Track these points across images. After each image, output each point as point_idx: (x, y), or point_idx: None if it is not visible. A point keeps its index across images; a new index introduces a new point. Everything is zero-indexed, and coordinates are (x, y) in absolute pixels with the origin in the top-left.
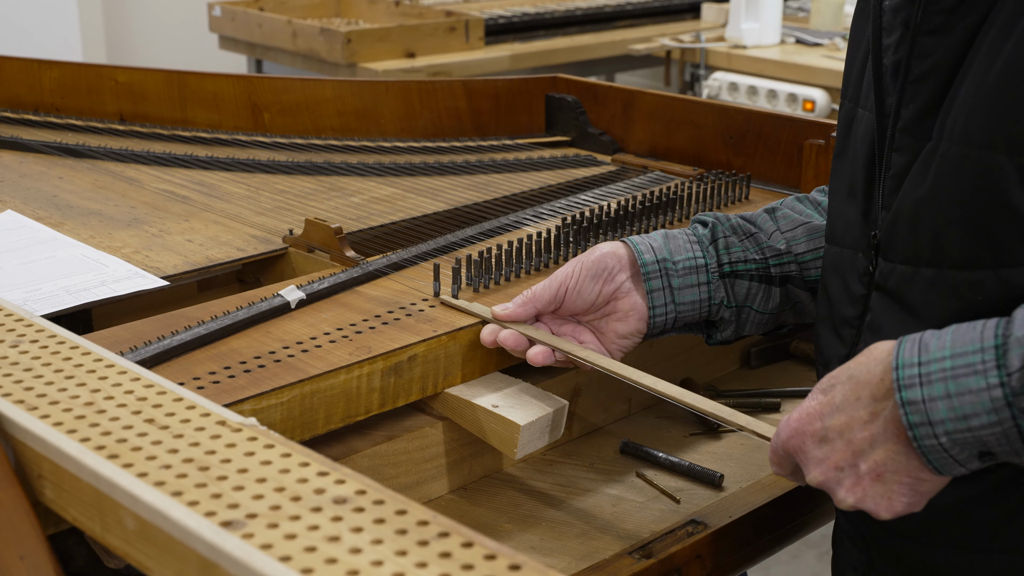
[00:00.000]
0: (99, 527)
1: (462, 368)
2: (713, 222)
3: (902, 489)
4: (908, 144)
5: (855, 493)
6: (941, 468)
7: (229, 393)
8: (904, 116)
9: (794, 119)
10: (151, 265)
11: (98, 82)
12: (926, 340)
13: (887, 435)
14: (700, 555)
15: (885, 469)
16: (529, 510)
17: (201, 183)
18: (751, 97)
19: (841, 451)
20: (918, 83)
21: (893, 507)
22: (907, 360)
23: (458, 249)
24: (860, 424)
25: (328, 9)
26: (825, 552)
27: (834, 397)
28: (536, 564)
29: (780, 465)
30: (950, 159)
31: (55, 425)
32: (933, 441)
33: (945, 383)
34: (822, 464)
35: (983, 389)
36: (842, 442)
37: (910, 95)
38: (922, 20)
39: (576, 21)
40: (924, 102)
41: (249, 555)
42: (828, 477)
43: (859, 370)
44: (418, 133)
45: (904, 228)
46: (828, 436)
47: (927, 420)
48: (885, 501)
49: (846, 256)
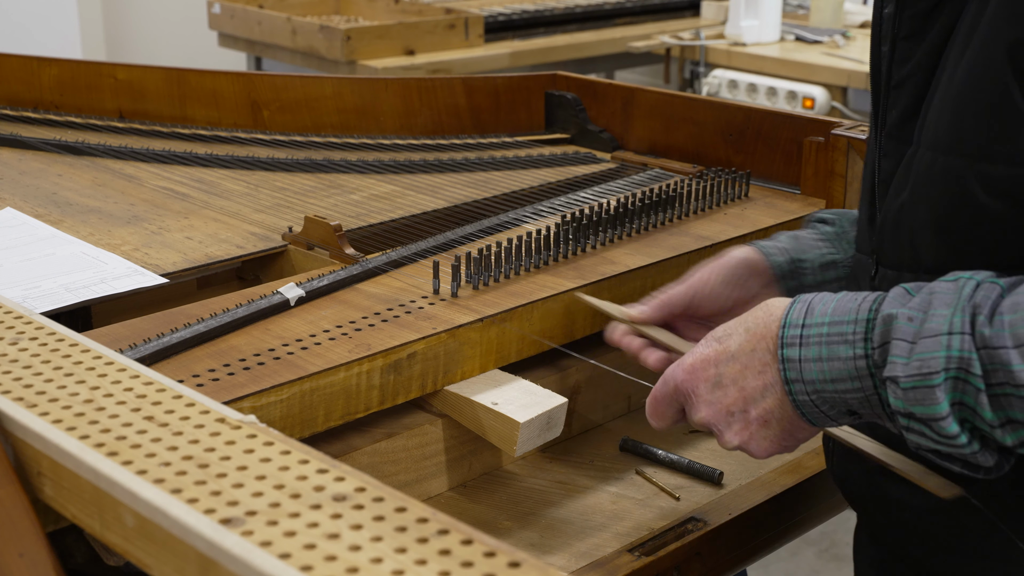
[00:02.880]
0: (98, 524)
1: (462, 365)
2: (836, 218)
3: (783, 434)
4: (893, 149)
5: (742, 435)
6: (813, 420)
7: (228, 390)
8: (888, 121)
9: (793, 116)
10: (150, 262)
11: (97, 79)
12: (814, 304)
13: (776, 386)
14: (699, 552)
15: (772, 416)
16: (528, 507)
17: (200, 180)
18: (751, 94)
19: (733, 396)
20: (899, 88)
21: (770, 449)
22: (793, 320)
23: (458, 246)
24: (753, 373)
25: (327, 6)
26: (824, 549)
27: (729, 346)
28: (535, 561)
29: (661, 412)
30: (924, 164)
31: (54, 422)
32: (805, 397)
33: (819, 347)
34: (713, 406)
35: (850, 358)
36: (735, 388)
37: (893, 100)
38: (899, 25)
39: (576, 18)
40: (905, 107)
41: (248, 552)
42: (718, 419)
43: (755, 323)
44: (417, 130)
45: (890, 233)
46: (722, 382)
47: (800, 378)
48: (766, 443)
49: (863, 262)
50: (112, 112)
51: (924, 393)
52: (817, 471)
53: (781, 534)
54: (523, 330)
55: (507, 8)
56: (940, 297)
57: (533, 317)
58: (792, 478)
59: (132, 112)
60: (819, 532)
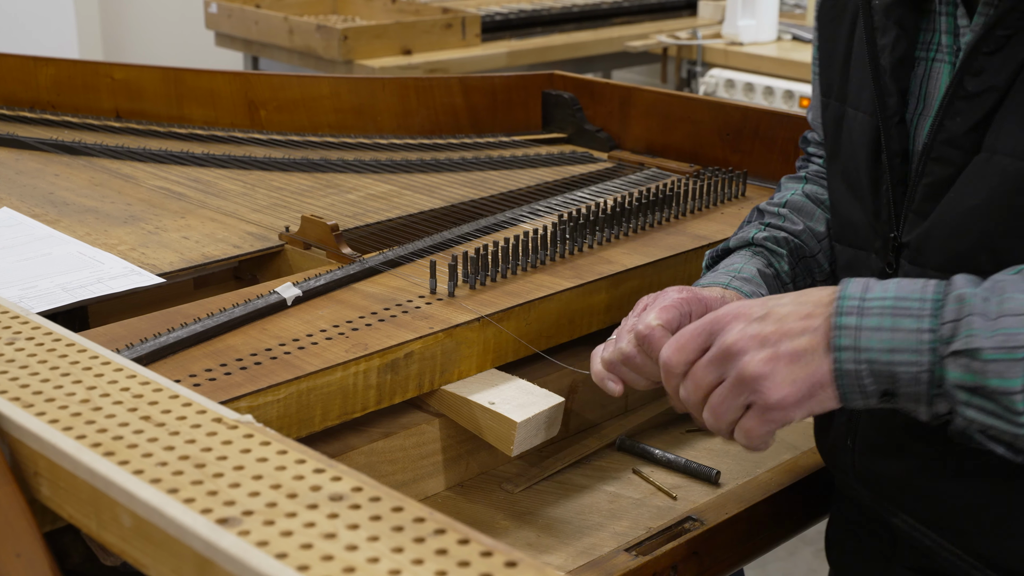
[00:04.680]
0: (95, 524)
1: (459, 365)
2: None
3: (804, 382)
4: (952, 156)
5: (766, 365)
6: (846, 392)
7: (225, 390)
8: (949, 129)
9: (790, 116)
10: (147, 262)
11: (94, 79)
12: (871, 284)
13: (817, 334)
14: (697, 552)
15: (803, 357)
16: (525, 507)
17: (197, 180)
18: (748, 94)
19: (772, 329)
20: (970, 99)
21: (785, 392)
22: (851, 293)
23: (454, 246)
24: (798, 317)
25: (325, 6)
26: (822, 548)
27: (782, 299)
28: (532, 561)
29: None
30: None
31: (51, 422)
32: (852, 366)
33: (882, 317)
34: (749, 333)
35: (914, 331)
36: (775, 322)
37: (958, 109)
38: (984, 40)
39: (573, 18)
40: (976, 118)
41: (245, 552)
42: (748, 343)
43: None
44: (414, 130)
45: (944, 236)
46: (766, 317)
47: (854, 345)
48: (786, 384)
49: (860, 257)
50: (109, 112)
51: (1007, 366)
52: (814, 470)
53: (778, 534)
54: (512, 332)
55: (504, 8)
56: (1011, 284)
57: (530, 317)
58: (789, 477)
59: (129, 112)
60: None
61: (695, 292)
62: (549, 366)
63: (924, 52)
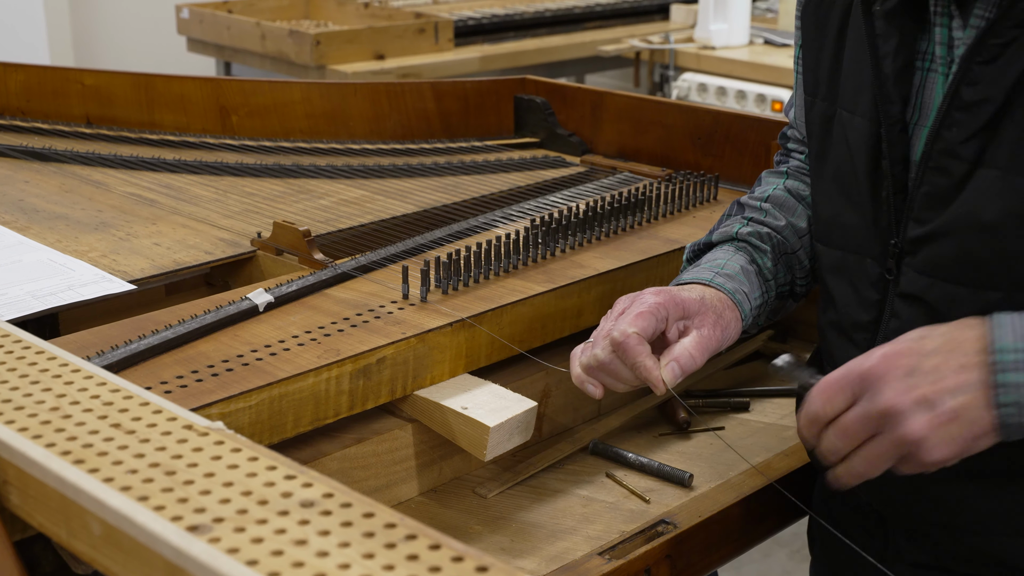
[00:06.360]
0: (65, 533)
1: (431, 370)
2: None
3: (963, 440)
4: (952, 166)
5: (927, 426)
6: (1005, 437)
7: (197, 397)
8: (947, 138)
9: (761, 119)
10: (118, 269)
11: (64, 85)
12: (1017, 326)
13: (975, 390)
14: (670, 555)
15: (962, 415)
16: (499, 512)
17: (169, 186)
18: (720, 98)
19: (929, 385)
20: (967, 109)
21: (945, 453)
22: (1006, 346)
23: (427, 251)
24: (952, 370)
25: (297, 11)
26: (796, 550)
27: (926, 344)
28: (503, 566)
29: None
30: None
31: (20, 430)
32: (1017, 420)
33: None
34: (906, 392)
35: None
36: (931, 379)
37: (955, 119)
38: (978, 49)
39: (546, 22)
40: (974, 128)
41: (215, 559)
42: (907, 404)
43: (951, 331)
44: (387, 135)
45: (958, 250)
46: (919, 371)
47: (1018, 402)
48: (944, 445)
49: (851, 261)
50: (79, 118)
51: None
52: (787, 472)
53: (752, 536)
54: (493, 333)
55: (477, 12)
56: None
57: (503, 321)
58: (761, 480)
59: (99, 118)
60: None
61: (672, 295)
62: (522, 370)
63: (921, 62)
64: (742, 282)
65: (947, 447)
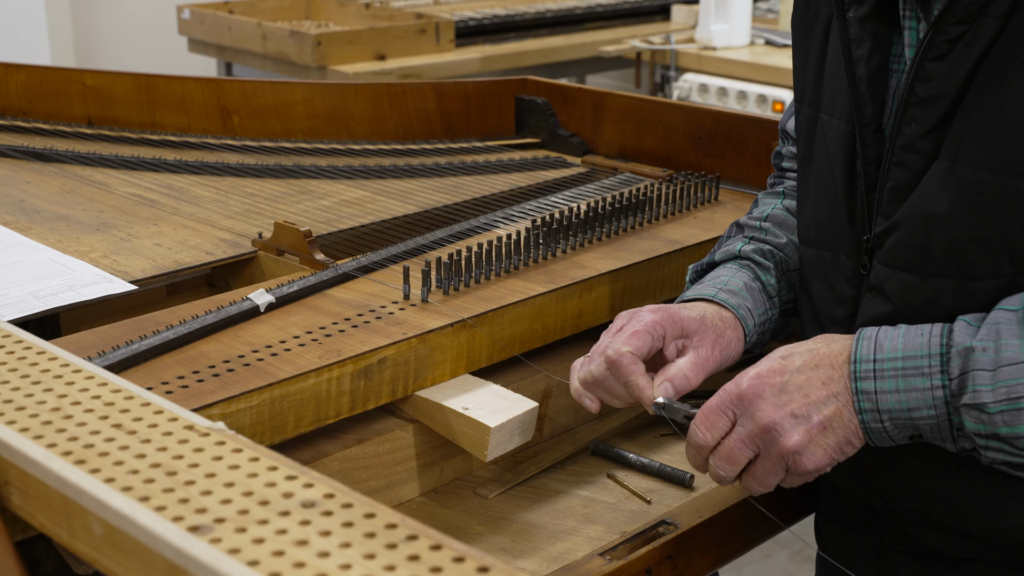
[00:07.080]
0: (66, 533)
1: (432, 371)
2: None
3: (838, 445)
4: (912, 160)
5: (802, 439)
6: (877, 441)
7: (198, 397)
8: (906, 134)
9: (762, 120)
10: (119, 269)
11: (65, 86)
12: (880, 340)
13: (840, 400)
14: (671, 556)
15: (832, 424)
16: (500, 512)
17: (170, 187)
18: (721, 98)
19: (799, 401)
20: (921, 104)
21: (822, 460)
22: (863, 356)
23: (428, 251)
24: (818, 384)
25: (298, 12)
26: (797, 551)
27: (793, 361)
28: (504, 566)
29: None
30: (968, 183)
31: (21, 431)
32: (878, 425)
33: (896, 379)
34: (780, 409)
35: (927, 388)
36: (800, 394)
37: (913, 115)
38: (931, 47)
39: (546, 23)
40: (930, 123)
41: (217, 560)
42: (783, 420)
43: (816, 347)
44: (388, 136)
45: (910, 239)
46: (788, 388)
47: (876, 407)
48: (820, 452)
49: (826, 258)
50: (81, 118)
51: (1012, 415)
52: None
53: (753, 536)
54: (493, 335)
55: (478, 13)
56: (1006, 328)
57: (503, 322)
58: None
59: (101, 118)
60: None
61: (671, 313)
62: (523, 371)
63: (895, 64)
64: (745, 298)
65: (822, 454)
